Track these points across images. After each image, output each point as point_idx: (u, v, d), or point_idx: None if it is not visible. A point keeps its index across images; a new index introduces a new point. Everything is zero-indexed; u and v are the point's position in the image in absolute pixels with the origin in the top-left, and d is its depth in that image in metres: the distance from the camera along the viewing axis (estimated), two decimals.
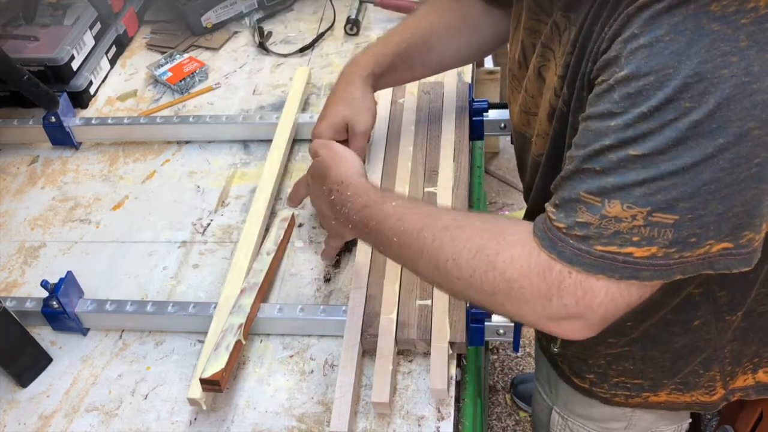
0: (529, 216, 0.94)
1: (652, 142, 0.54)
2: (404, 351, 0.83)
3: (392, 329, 0.80)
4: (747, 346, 0.83)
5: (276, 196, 1.03)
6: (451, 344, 0.79)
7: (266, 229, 0.97)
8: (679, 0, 0.53)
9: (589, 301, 0.60)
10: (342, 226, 0.79)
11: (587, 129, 0.59)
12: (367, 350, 0.82)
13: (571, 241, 0.59)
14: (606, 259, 0.58)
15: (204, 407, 0.78)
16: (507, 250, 0.63)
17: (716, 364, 0.84)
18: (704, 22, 0.52)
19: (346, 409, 0.74)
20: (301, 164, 1.09)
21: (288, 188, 1.05)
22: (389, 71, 0.95)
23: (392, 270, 0.86)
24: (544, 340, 1.00)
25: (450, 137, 1.01)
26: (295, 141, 1.12)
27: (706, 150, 0.53)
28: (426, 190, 0.95)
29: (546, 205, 0.63)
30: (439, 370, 0.76)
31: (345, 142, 0.94)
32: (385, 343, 0.79)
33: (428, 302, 0.82)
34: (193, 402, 0.79)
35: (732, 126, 0.52)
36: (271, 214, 1.00)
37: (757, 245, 0.58)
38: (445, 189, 0.94)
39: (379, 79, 0.95)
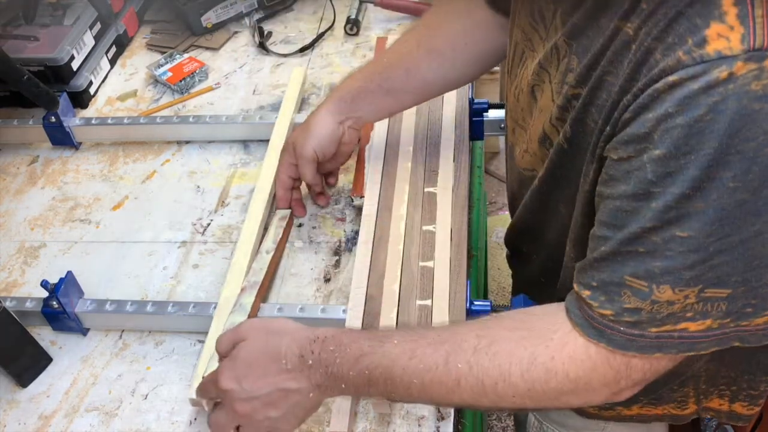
0: (513, 233, 0.94)
1: (698, 222, 0.53)
2: None
3: None
4: (724, 367, 0.82)
5: (274, 196, 1.03)
6: None
7: (265, 229, 0.97)
8: (717, 79, 0.51)
9: (654, 372, 0.61)
10: (322, 394, 0.67)
11: (621, 209, 0.58)
12: None
13: (621, 329, 0.58)
14: (662, 338, 0.58)
15: (206, 408, 0.78)
16: (560, 351, 0.61)
17: (691, 381, 0.84)
18: (745, 101, 0.50)
19: (346, 409, 0.74)
20: None
21: None
22: (364, 96, 0.92)
23: (392, 270, 0.86)
24: None
25: (450, 137, 1.01)
26: None
27: (754, 226, 0.53)
28: (426, 190, 0.95)
29: (577, 285, 0.62)
30: None
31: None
32: None
33: (428, 302, 0.82)
34: (195, 402, 0.79)
35: None
36: (270, 213, 1.00)
37: None
38: (445, 189, 0.94)
39: (351, 105, 0.92)
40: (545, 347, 0.61)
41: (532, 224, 0.84)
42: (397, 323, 0.80)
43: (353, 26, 1.34)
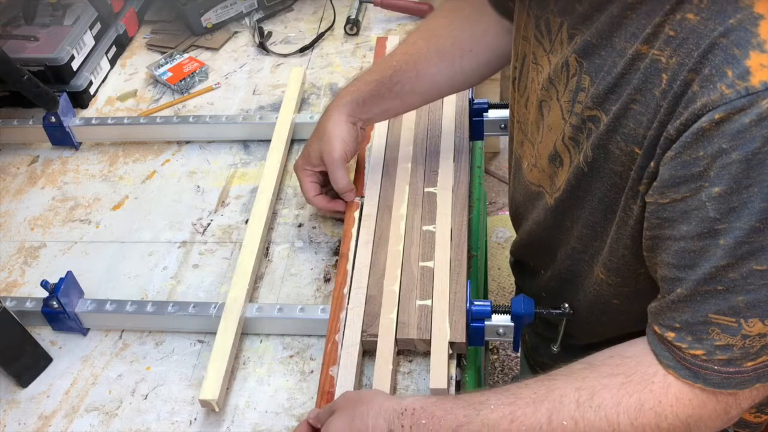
0: (521, 247, 0.93)
1: None
2: (404, 351, 0.83)
3: (392, 329, 0.80)
4: None
5: (277, 196, 1.03)
6: (451, 344, 0.79)
7: (269, 230, 0.97)
8: (766, 111, 0.51)
9: (761, 395, 0.61)
10: None
11: (687, 250, 0.57)
12: (367, 350, 0.82)
13: (715, 368, 0.58)
14: (758, 371, 0.58)
15: (216, 409, 0.78)
16: (666, 394, 0.61)
17: None
18: None
19: None
20: None
21: (289, 188, 1.06)
22: (375, 99, 0.91)
23: (392, 270, 0.86)
24: (530, 344, 1.01)
25: (450, 137, 1.01)
26: (293, 141, 1.13)
27: None
28: (426, 190, 0.95)
29: (659, 327, 0.62)
30: (438, 370, 0.76)
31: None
32: (385, 343, 0.79)
33: (428, 302, 0.82)
34: (205, 404, 0.78)
35: None
36: (273, 214, 1.00)
37: None
38: (445, 189, 0.94)
39: (363, 107, 0.91)
40: (650, 392, 0.61)
41: (544, 241, 0.84)
42: (397, 323, 0.80)
43: (353, 26, 1.34)
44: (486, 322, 0.81)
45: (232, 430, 0.79)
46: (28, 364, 0.86)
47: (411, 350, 0.82)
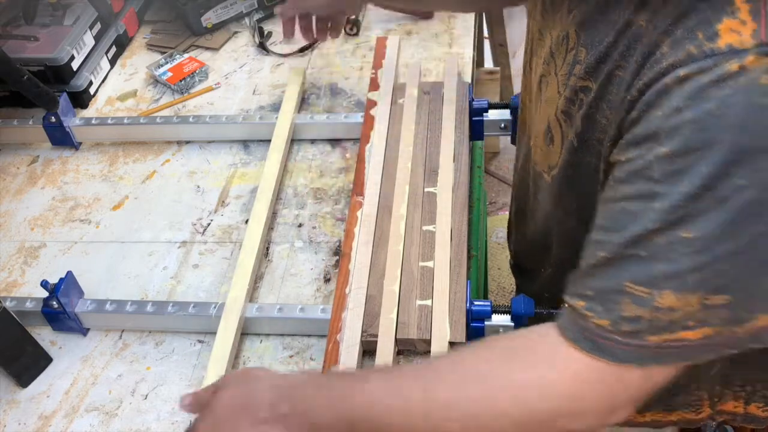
0: (519, 249, 0.93)
1: (704, 223, 0.51)
2: (404, 351, 0.82)
3: (392, 329, 0.80)
4: (736, 368, 0.82)
5: (276, 196, 1.03)
6: (451, 344, 0.79)
7: (269, 230, 0.97)
8: (728, 72, 0.49)
9: (649, 388, 0.58)
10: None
11: (623, 211, 0.55)
12: (367, 350, 0.82)
13: (618, 338, 0.56)
14: (661, 348, 0.55)
15: None
16: (550, 370, 0.58)
17: (705, 386, 0.83)
18: (755, 96, 0.49)
19: None
20: (301, 164, 1.09)
21: (289, 188, 1.06)
22: None
23: (392, 270, 0.86)
24: None
25: (450, 137, 1.01)
26: (293, 141, 1.13)
27: (762, 228, 0.51)
28: (426, 190, 0.95)
29: (568, 298, 0.59)
30: None
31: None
32: (385, 343, 0.79)
33: (428, 302, 0.82)
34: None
35: None
36: (273, 214, 1.00)
37: None
38: (445, 189, 0.94)
39: None
40: (534, 370, 0.59)
41: (544, 228, 0.83)
42: (397, 323, 0.80)
43: (353, 26, 1.34)
44: (486, 322, 0.81)
45: None
46: (28, 364, 0.86)
47: (411, 350, 0.82)
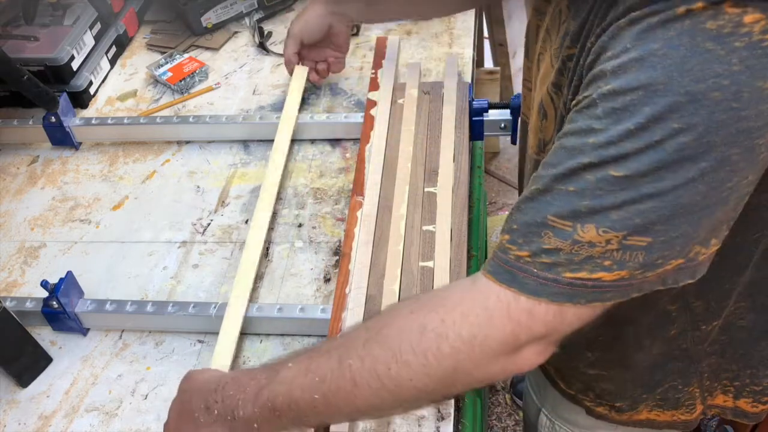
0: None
1: (635, 162, 0.51)
2: None
3: None
4: (726, 361, 0.82)
5: (278, 196, 1.03)
6: None
7: (269, 230, 0.97)
8: (675, 14, 0.50)
9: (557, 325, 0.57)
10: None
11: (562, 147, 0.55)
12: None
13: (534, 270, 0.55)
14: (575, 287, 0.55)
15: None
16: (452, 311, 0.57)
17: (695, 378, 0.83)
18: (699, 39, 0.49)
19: None
20: (301, 164, 1.09)
21: (289, 188, 1.06)
22: None
23: (392, 270, 0.86)
24: None
25: (450, 137, 1.01)
26: (294, 141, 1.13)
27: (689, 173, 0.51)
28: (426, 190, 0.95)
29: (499, 234, 0.58)
30: None
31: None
32: None
33: None
34: None
35: (716, 151, 0.50)
36: (273, 214, 1.00)
37: (703, 259, 0.57)
38: (445, 189, 0.94)
39: (337, 3, 1.08)
40: (435, 313, 0.58)
41: None
42: None
43: (353, 26, 1.34)
44: None
45: None
46: (28, 364, 0.86)
47: None
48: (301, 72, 1.19)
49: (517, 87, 2.29)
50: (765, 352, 0.81)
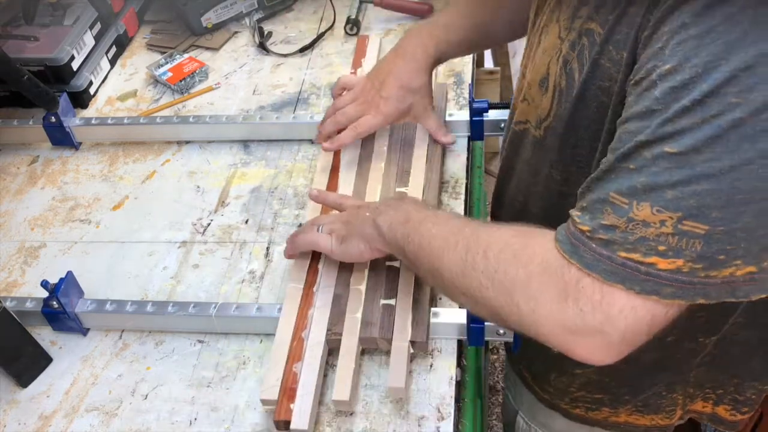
0: (495, 202, 0.94)
1: (689, 138, 0.50)
2: (369, 350, 0.83)
3: (357, 328, 0.80)
4: (713, 372, 0.82)
5: (278, 196, 1.03)
6: (413, 343, 0.79)
7: (269, 230, 0.97)
8: None
9: (607, 308, 0.55)
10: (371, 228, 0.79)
11: (625, 131, 0.55)
12: (333, 348, 0.82)
13: (593, 245, 0.55)
14: (627, 268, 0.54)
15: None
16: (531, 246, 0.61)
17: (680, 386, 0.83)
18: (763, 14, 0.48)
19: (307, 407, 0.75)
20: (301, 164, 1.09)
21: (288, 188, 1.05)
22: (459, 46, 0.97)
23: (359, 269, 0.86)
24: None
25: (424, 138, 1.02)
26: (294, 141, 1.13)
27: (746, 154, 0.49)
28: (397, 189, 0.96)
29: (571, 210, 0.59)
30: (397, 368, 0.76)
31: None
32: (349, 342, 0.79)
33: (392, 302, 0.82)
34: (266, 402, 0.77)
35: None
36: (273, 214, 1.00)
37: None
38: (416, 189, 0.94)
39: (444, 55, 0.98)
40: (523, 238, 0.62)
41: (528, 190, 0.83)
42: (361, 322, 0.81)
43: (353, 26, 1.34)
44: (486, 323, 0.81)
45: (232, 430, 0.79)
46: (28, 364, 0.86)
47: (374, 348, 0.82)
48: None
49: None
50: (755, 366, 0.81)
